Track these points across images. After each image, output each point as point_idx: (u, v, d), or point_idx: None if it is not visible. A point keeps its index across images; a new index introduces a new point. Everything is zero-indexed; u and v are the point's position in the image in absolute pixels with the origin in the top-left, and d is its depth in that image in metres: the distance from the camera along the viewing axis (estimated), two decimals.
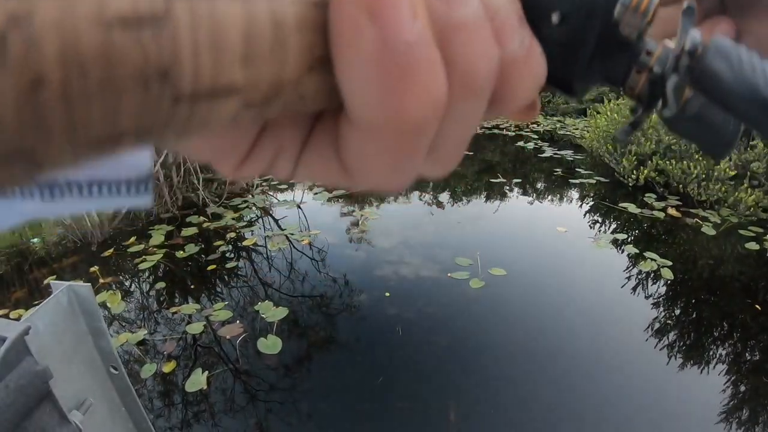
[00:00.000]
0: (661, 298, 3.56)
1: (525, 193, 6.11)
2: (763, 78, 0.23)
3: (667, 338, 3.07)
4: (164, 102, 0.14)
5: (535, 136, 9.02)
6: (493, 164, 7.39)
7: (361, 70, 0.17)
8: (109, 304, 3.34)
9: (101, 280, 3.75)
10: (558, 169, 6.84)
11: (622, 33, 0.25)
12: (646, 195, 5.62)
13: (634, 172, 5.78)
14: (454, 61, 0.18)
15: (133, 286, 3.76)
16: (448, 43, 0.18)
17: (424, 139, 0.19)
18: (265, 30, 0.15)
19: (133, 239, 4.48)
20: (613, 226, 4.94)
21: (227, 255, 4.14)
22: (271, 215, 5.31)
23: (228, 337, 2.95)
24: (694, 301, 3.67)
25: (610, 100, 7.14)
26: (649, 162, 5.69)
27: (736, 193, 4.97)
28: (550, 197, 6.00)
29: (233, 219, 5.04)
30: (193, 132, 0.16)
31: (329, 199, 5.65)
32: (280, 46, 0.16)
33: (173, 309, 3.31)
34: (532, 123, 10.47)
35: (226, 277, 3.80)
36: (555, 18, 0.24)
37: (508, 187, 6.19)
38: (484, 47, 0.19)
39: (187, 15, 0.14)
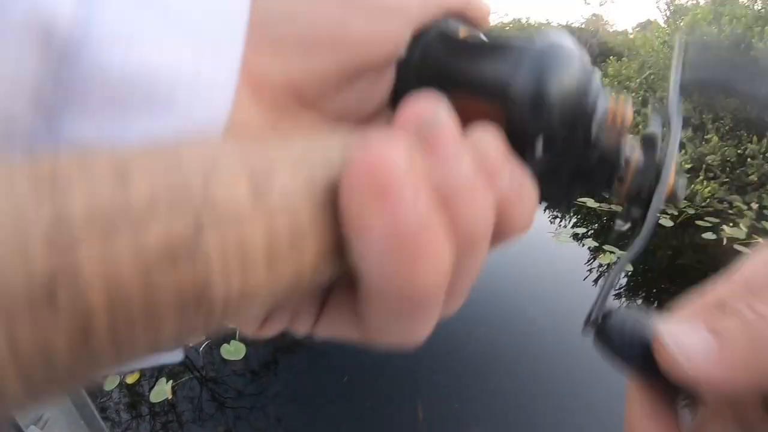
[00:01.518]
0: (622, 289, 3.61)
1: None
2: None
3: None
4: (199, 318, 0.15)
5: None
6: None
7: (372, 252, 0.17)
8: None
9: None
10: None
11: (600, 149, 0.26)
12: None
13: None
14: (456, 223, 0.19)
15: None
16: (449, 206, 0.19)
17: (435, 301, 0.19)
18: (284, 238, 0.16)
19: None
20: (573, 220, 4.99)
21: None
22: None
23: (190, 344, 2.91)
24: (654, 290, 3.74)
25: None
26: None
27: (692, 186, 5.06)
28: None
29: None
30: (221, 326, 0.17)
31: None
32: (298, 246, 0.17)
33: None
34: None
35: None
36: (539, 146, 0.25)
37: None
38: (482, 203, 0.20)
39: (216, 239, 0.15)
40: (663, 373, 0.24)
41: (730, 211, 5.03)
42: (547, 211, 5.32)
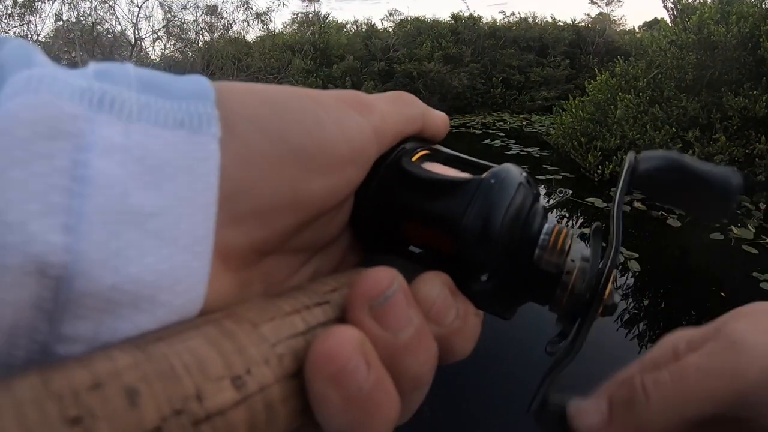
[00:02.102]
0: (629, 290, 3.60)
1: None
2: None
3: (638, 328, 3.10)
4: None
5: (502, 134, 9.07)
6: None
7: (333, 419, 0.21)
8: None
9: None
10: (525, 166, 6.79)
11: (542, 269, 0.29)
12: (612, 189, 5.66)
13: (600, 167, 5.85)
14: (404, 376, 0.24)
15: None
16: (397, 364, 0.23)
17: None
18: (261, 415, 0.20)
19: None
20: (580, 220, 4.99)
21: None
22: None
23: None
24: (662, 291, 3.73)
25: (575, 97, 7.20)
26: (614, 157, 5.76)
27: None
28: None
29: None
30: None
31: None
32: (273, 417, 0.21)
33: None
34: (499, 121, 10.55)
35: None
36: (484, 275, 0.29)
37: None
38: (427, 354, 0.25)
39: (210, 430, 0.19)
40: None
41: (738, 211, 5.01)
42: (554, 210, 5.32)
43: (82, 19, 5.89)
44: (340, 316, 0.24)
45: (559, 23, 13.52)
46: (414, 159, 0.31)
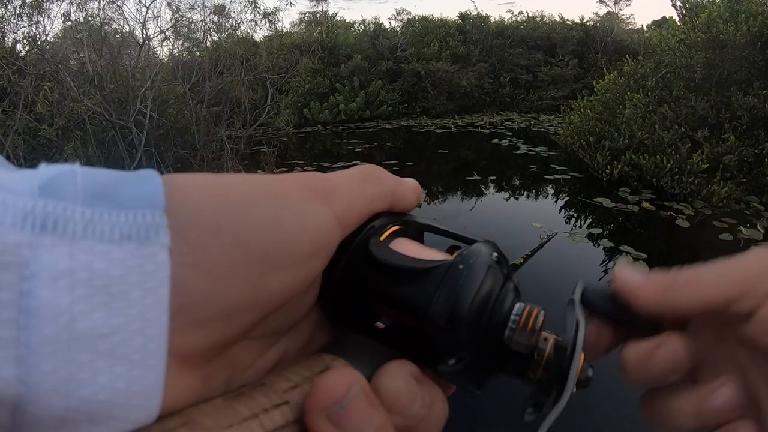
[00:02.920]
0: None
1: (501, 189, 6.15)
2: None
3: None
4: None
5: (510, 133, 9.06)
6: (469, 162, 7.42)
7: None
8: None
9: None
10: (533, 166, 6.88)
11: (513, 349, 0.30)
12: (621, 189, 5.66)
13: (608, 167, 5.83)
14: None
15: None
16: None
17: None
18: None
19: None
20: (589, 220, 4.98)
21: None
22: None
23: None
24: None
25: (583, 97, 7.18)
26: (623, 157, 5.74)
27: (709, 186, 5.03)
28: (525, 193, 6.03)
29: None
30: None
31: None
32: None
33: None
34: (507, 120, 10.54)
35: None
36: (453, 358, 0.28)
37: (483, 185, 6.22)
38: None
39: None
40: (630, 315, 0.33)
41: (747, 212, 4.99)
42: (563, 211, 5.31)
43: (90, 19, 5.91)
44: (299, 417, 0.24)
45: (568, 22, 13.49)
46: (383, 237, 0.31)
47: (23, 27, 5.74)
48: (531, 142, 8.28)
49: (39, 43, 5.59)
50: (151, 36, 6.50)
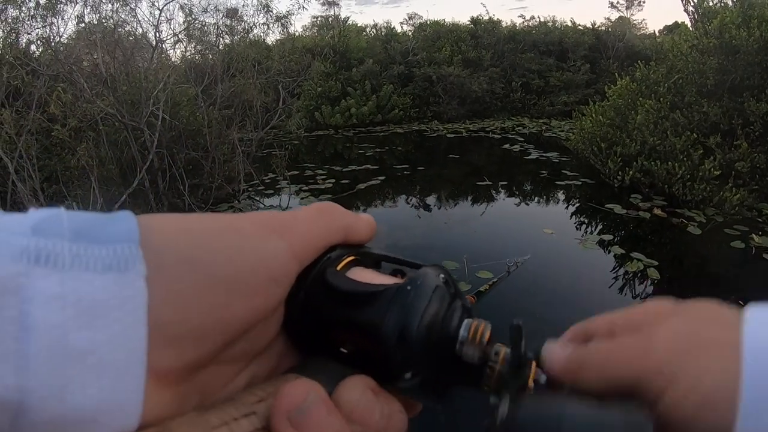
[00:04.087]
0: (648, 298, 3.56)
1: (511, 195, 6.14)
2: None
3: None
4: None
5: (521, 139, 9.05)
6: (480, 167, 7.41)
7: None
8: None
9: None
10: (544, 171, 6.87)
11: (465, 361, 0.32)
12: (632, 196, 5.64)
13: (620, 173, 5.81)
14: None
15: None
16: None
17: None
18: None
19: None
20: (600, 227, 4.96)
21: None
22: None
23: None
24: (681, 300, 3.68)
25: (595, 102, 7.16)
26: (635, 163, 5.72)
27: (721, 193, 5.00)
28: (536, 199, 6.03)
29: None
30: None
31: None
32: None
33: None
34: (518, 126, 10.53)
35: None
36: (408, 376, 0.31)
37: (494, 190, 6.21)
38: None
39: None
40: None
41: (759, 219, 4.95)
42: (573, 217, 5.29)
43: (103, 21, 5.94)
44: (266, 425, 0.27)
45: (579, 27, 13.47)
46: (339, 267, 0.34)
47: (37, 28, 5.78)
48: (542, 148, 8.26)
49: (53, 44, 5.62)
50: (164, 38, 6.53)
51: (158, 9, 6.10)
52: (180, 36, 6.98)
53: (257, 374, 0.33)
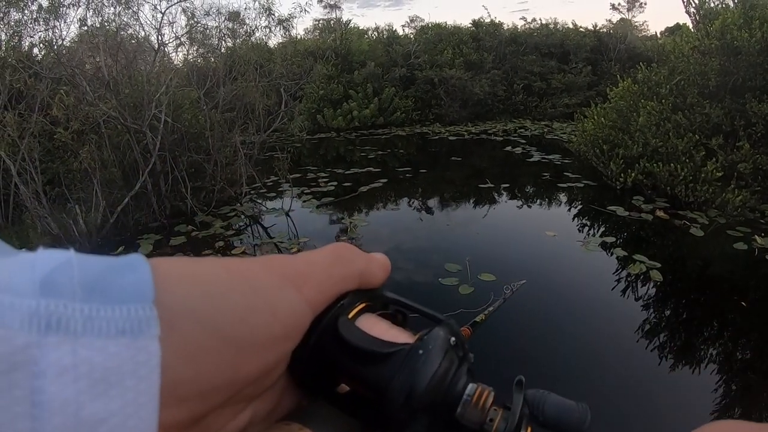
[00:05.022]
0: (651, 300, 3.56)
1: (513, 197, 6.14)
2: None
3: (658, 339, 3.07)
4: None
5: (523, 141, 9.05)
6: (482, 169, 7.41)
7: None
8: None
9: None
10: (546, 174, 6.86)
11: (465, 423, 0.33)
12: (634, 198, 5.64)
13: (622, 175, 5.81)
14: None
15: None
16: None
17: None
18: None
19: (121, 249, 4.45)
20: (602, 229, 4.96)
21: None
22: (260, 223, 5.30)
23: None
24: (683, 301, 3.68)
25: (596, 104, 7.16)
26: (637, 165, 5.72)
27: (724, 194, 5.00)
28: (538, 201, 6.02)
29: (222, 227, 5.03)
30: None
31: (318, 207, 5.64)
32: None
33: None
34: (520, 128, 10.52)
35: None
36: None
37: (496, 192, 6.20)
38: None
39: None
40: None
41: (762, 221, 4.95)
42: (576, 219, 5.29)
43: (106, 24, 5.95)
44: None
45: (581, 29, 13.47)
46: (351, 315, 0.35)
47: (40, 31, 5.79)
48: (544, 150, 8.26)
49: (55, 47, 5.64)
50: (167, 42, 6.54)
51: (161, 12, 6.10)
52: (182, 39, 6.99)
53: (258, 412, 0.33)
